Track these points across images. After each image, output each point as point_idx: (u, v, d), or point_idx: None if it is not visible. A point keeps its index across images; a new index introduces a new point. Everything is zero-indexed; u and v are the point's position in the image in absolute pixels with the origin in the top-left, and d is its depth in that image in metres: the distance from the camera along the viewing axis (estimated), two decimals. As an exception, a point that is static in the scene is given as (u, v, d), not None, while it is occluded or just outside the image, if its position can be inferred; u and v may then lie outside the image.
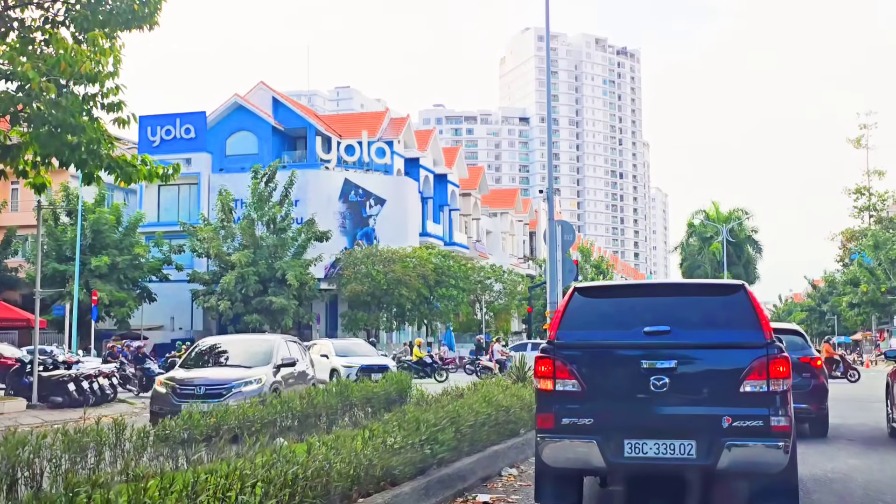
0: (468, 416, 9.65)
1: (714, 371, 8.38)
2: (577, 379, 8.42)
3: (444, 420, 8.86)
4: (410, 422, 8.44)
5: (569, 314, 8.77)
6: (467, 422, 9.49)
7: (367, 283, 56.04)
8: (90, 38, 17.44)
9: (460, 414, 9.50)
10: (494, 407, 10.70)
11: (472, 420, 9.63)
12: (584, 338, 8.64)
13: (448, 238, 74.44)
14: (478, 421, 9.81)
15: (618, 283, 9.88)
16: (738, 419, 8.06)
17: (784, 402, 8.15)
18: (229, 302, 52.80)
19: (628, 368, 8.37)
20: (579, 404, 8.39)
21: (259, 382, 16.50)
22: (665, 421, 8.20)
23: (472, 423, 9.59)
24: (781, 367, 8.18)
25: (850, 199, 79.85)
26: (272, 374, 17.19)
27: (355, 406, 11.92)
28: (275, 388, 16.43)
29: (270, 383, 16.74)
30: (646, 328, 8.41)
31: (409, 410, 9.19)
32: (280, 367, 17.70)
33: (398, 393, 13.32)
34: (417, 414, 8.80)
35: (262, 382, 16.54)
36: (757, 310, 8.47)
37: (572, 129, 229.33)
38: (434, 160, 75.06)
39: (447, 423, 8.83)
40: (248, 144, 64.75)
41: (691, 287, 10.02)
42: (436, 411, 9.19)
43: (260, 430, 9.41)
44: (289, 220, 55.35)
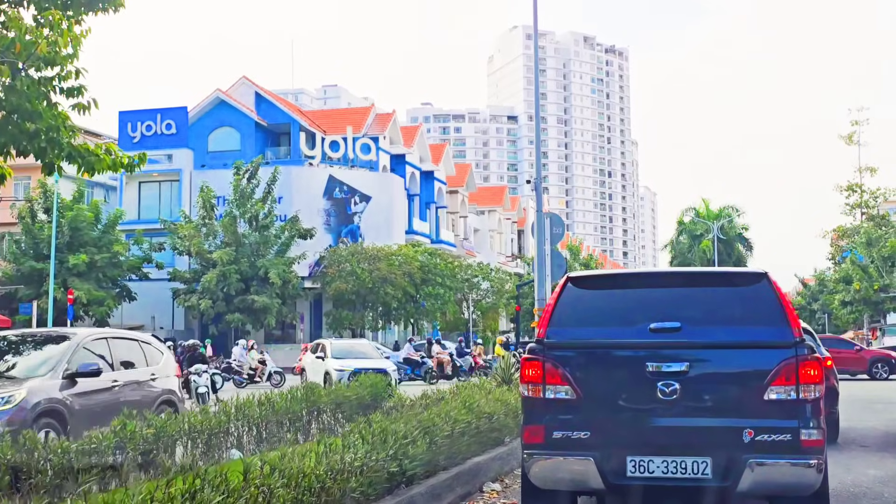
0: (445, 425, 8.48)
1: (733, 375, 7.23)
2: (570, 385, 7.27)
3: (416, 431, 7.69)
4: (376, 433, 7.26)
5: (561, 308, 7.58)
6: (444, 431, 8.32)
7: (352, 282, 54.92)
8: (46, 16, 16.27)
9: (436, 423, 8.30)
10: (476, 414, 9.52)
11: (449, 430, 8.46)
12: (578, 336, 7.46)
13: (435, 236, 73.29)
14: (456, 430, 8.63)
15: (618, 272, 8.64)
16: (762, 432, 6.91)
17: (816, 412, 7.00)
18: (210, 301, 51.79)
19: (631, 372, 7.22)
20: (574, 415, 7.24)
21: (10, 402, 10.82)
22: (675, 434, 7.05)
23: (449, 432, 8.42)
24: (813, 371, 7.02)
25: (841, 196, 78.85)
26: (53, 389, 11.46)
27: (324, 412, 10.75)
28: (49, 410, 11.15)
29: (41, 402, 11.10)
30: (652, 325, 7.24)
31: (375, 420, 7.98)
32: (74, 377, 11.85)
33: (372, 397, 12.09)
34: (385, 424, 7.60)
35: (14, 402, 10.82)
36: (783, 302, 7.29)
37: (561, 127, 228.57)
38: (420, 157, 73.93)
39: (419, 434, 7.66)
40: (230, 140, 63.53)
41: (705, 276, 8.68)
42: (407, 420, 8.01)
43: (207, 441, 8.23)
44: (272, 217, 54.39)
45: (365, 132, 66.08)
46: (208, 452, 8.70)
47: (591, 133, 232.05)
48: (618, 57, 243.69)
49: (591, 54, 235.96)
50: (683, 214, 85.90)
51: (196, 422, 8.62)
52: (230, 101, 63.67)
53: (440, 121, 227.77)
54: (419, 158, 73.47)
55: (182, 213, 55.63)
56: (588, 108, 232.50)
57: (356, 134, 64.79)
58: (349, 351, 28.24)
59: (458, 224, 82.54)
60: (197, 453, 8.53)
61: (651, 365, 7.09)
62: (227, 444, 9.09)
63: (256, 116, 63.91)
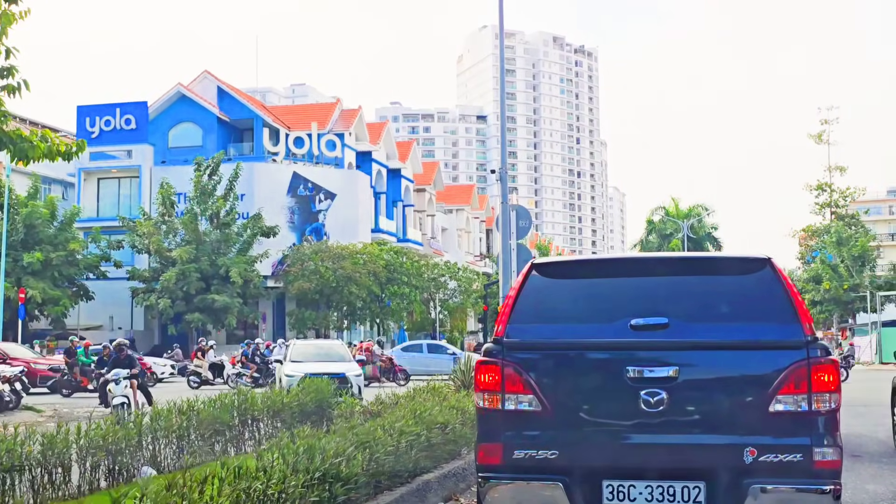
0: (388, 438, 7.25)
1: (731, 382, 6.02)
2: (535, 394, 6.06)
3: (351, 446, 6.46)
4: (300, 452, 6.03)
5: (524, 301, 6.34)
6: (387, 445, 7.10)
7: (315, 281, 53.73)
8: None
9: (377, 436, 7.07)
10: (426, 424, 8.28)
11: (393, 444, 7.25)
12: (545, 335, 6.22)
13: (402, 234, 72.14)
14: (402, 444, 7.42)
15: (593, 258, 7.34)
16: (767, 451, 5.74)
17: (832, 427, 5.84)
18: (169, 300, 50.55)
19: (608, 378, 6.02)
20: (539, 430, 6.05)
21: None
22: (661, 454, 5.86)
23: (393, 447, 7.21)
24: (828, 376, 5.86)
25: (811, 195, 78.59)
26: None
27: (259, 421, 9.53)
28: None
29: None
30: (633, 320, 6.01)
31: (301, 435, 6.72)
32: None
33: (317, 405, 10.81)
34: (312, 441, 6.34)
35: None
36: (791, 293, 6.09)
37: (530, 127, 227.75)
38: (387, 154, 72.75)
39: (355, 451, 6.43)
40: (192, 136, 62.14)
41: (697, 262, 7.14)
42: (342, 434, 6.77)
43: (113, 458, 6.99)
44: (233, 214, 53.20)
45: (330, 129, 64.84)
46: (117, 471, 7.50)
47: (560, 133, 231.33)
48: (587, 57, 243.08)
49: (560, 54, 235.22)
50: (653, 213, 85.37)
51: (97, 435, 7.38)
52: (191, 95, 62.22)
53: (409, 120, 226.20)
54: (386, 156, 72.30)
55: (141, 210, 54.23)
56: (557, 109, 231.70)
57: (321, 130, 63.53)
58: (314, 353, 25.15)
59: (425, 223, 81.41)
60: (99, 474, 7.32)
61: (632, 370, 5.90)
62: (139, 461, 7.86)
63: (218, 112, 62.48)
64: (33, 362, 30.86)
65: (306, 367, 21.78)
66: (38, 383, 29.14)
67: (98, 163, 60.69)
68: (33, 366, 30.10)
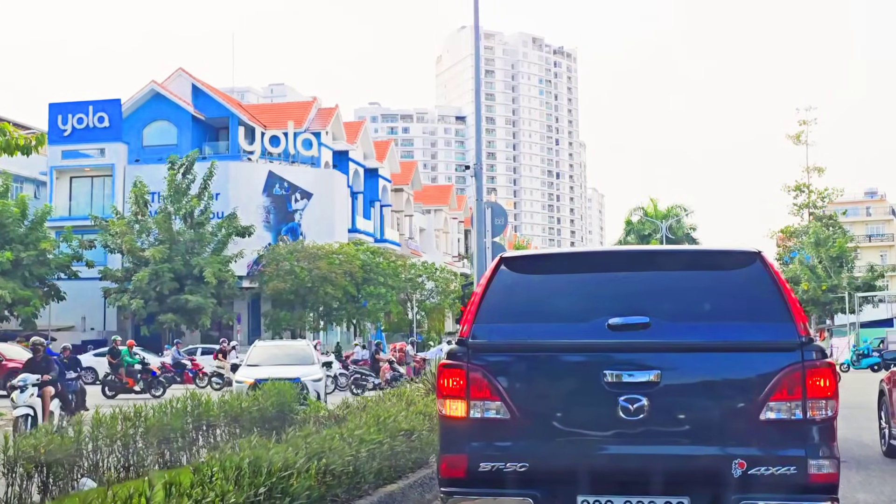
0: (345, 447, 6.69)
1: (719, 387, 5.54)
2: (503, 400, 5.56)
3: (302, 458, 5.89)
4: (243, 465, 5.46)
5: (491, 299, 5.83)
6: (344, 455, 6.55)
7: (290, 281, 53.09)
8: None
9: (333, 445, 6.51)
10: (390, 431, 7.76)
11: (351, 453, 6.69)
12: (514, 335, 5.72)
13: (379, 235, 71.53)
14: (361, 454, 6.87)
15: (567, 251, 6.74)
16: (758, 463, 5.26)
17: (828, 437, 5.38)
18: (142, 301, 49.74)
19: (584, 383, 5.53)
20: (508, 440, 5.55)
21: None
22: (641, 467, 5.37)
23: (351, 456, 6.66)
24: (824, 381, 5.39)
25: (789, 196, 78.51)
26: None
27: (216, 427, 8.96)
28: None
29: None
30: (611, 320, 5.52)
31: (246, 446, 6.15)
32: None
33: (277, 410, 10.22)
34: (260, 451, 5.76)
35: None
36: (783, 290, 5.61)
37: (509, 128, 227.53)
38: (364, 153, 72.11)
39: (307, 462, 5.86)
40: (166, 134, 61.29)
41: (681, 256, 6.63)
42: (295, 444, 6.20)
43: (50, 468, 6.41)
44: (208, 213, 52.48)
45: (307, 127, 64.17)
46: (52, 484, 6.93)
47: (539, 134, 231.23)
48: (566, 58, 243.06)
49: (539, 55, 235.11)
50: (631, 214, 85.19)
51: (26, 446, 6.79)
52: (166, 93, 61.41)
53: (388, 120, 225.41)
54: (363, 155, 71.67)
55: (114, 208, 53.38)
56: (536, 110, 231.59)
57: (297, 129, 62.83)
58: (274, 357, 23.14)
59: (403, 223, 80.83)
60: (32, 487, 6.74)
61: (610, 374, 5.41)
62: (77, 473, 7.29)
63: (193, 110, 61.69)
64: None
65: (258, 372, 20.22)
66: None
67: (70, 161, 59.83)
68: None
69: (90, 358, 40.10)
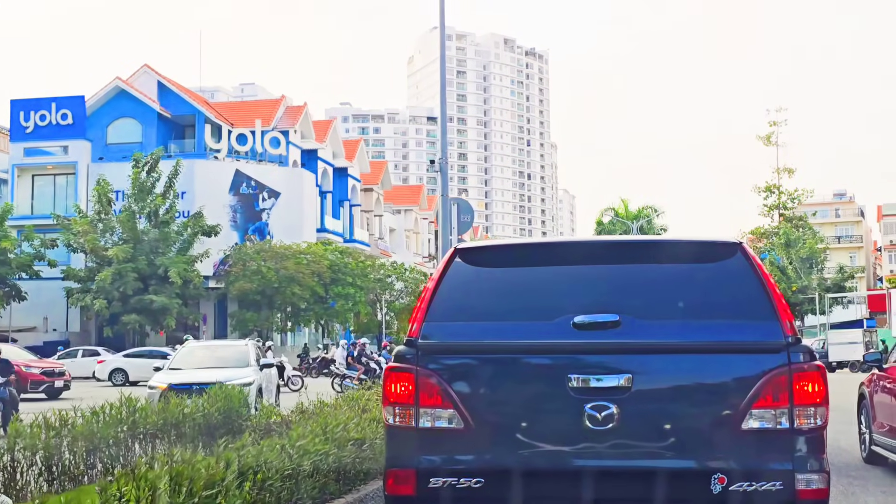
0: (285, 461, 6.01)
1: (696, 393, 4.97)
2: (456, 408, 4.96)
3: (232, 474, 5.15)
4: (159, 484, 4.75)
5: (445, 294, 5.23)
6: (283, 469, 5.87)
7: (257, 281, 52.34)
8: None
9: (269, 459, 5.82)
10: (338, 442, 7.09)
11: (291, 467, 6.01)
12: (469, 335, 5.11)
13: (348, 235, 70.81)
14: (303, 467, 6.20)
15: (529, 241, 6.00)
16: (740, 478, 4.71)
17: (818, 448, 4.85)
18: (105, 301, 48.82)
19: (546, 389, 4.94)
20: (461, 453, 4.96)
21: None
22: (610, 482, 4.79)
23: (291, 470, 5.98)
24: (814, 386, 4.84)
25: (759, 197, 78.47)
26: None
27: (155, 436, 8.28)
28: None
29: None
30: (577, 317, 4.93)
31: (164, 461, 5.38)
32: None
33: (224, 416, 9.49)
34: (181, 467, 4.97)
35: None
36: (768, 285, 5.04)
37: (480, 129, 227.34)
38: (334, 152, 71.34)
39: (237, 479, 5.16)
40: (131, 132, 60.31)
41: (655, 248, 5.85)
42: (226, 457, 5.49)
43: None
44: (173, 212, 51.67)
45: (274, 125, 63.36)
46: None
47: (511, 135, 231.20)
48: (537, 60, 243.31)
49: (511, 57, 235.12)
50: (603, 215, 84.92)
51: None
52: (131, 90, 60.42)
53: (359, 121, 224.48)
54: (332, 154, 70.91)
55: (76, 207, 52.43)
56: (507, 111, 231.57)
57: (265, 127, 61.99)
58: (203, 359, 19.89)
59: (373, 223, 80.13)
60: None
61: (575, 378, 4.82)
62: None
63: (159, 107, 60.75)
64: (25, 365, 27.74)
65: (178, 377, 17.71)
66: (29, 388, 26.93)
67: (33, 158, 58.71)
68: (25, 369, 27.17)
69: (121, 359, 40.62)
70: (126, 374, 39.64)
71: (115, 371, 40.06)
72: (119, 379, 39.30)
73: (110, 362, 41.22)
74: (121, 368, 40.12)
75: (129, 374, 39.28)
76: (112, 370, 40.16)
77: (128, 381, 38.76)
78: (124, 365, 40.33)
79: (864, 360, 11.90)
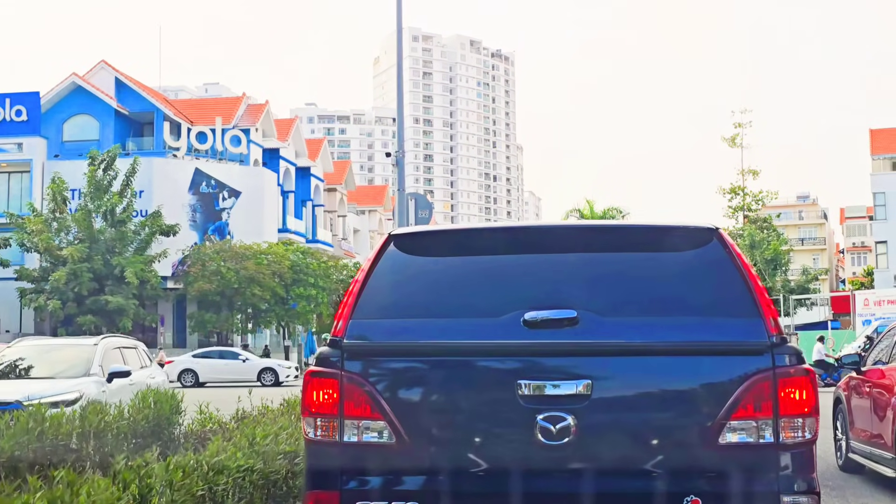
0: (195, 482, 5.18)
1: (666, 401, 4.21)
2: (388, 419, 4.20)
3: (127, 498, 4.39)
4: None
5: (376, 287, 4.48)
6: (194, 490, 5.07)
7: (217, 282, 51.29)
8: None
9: (174, 480, 4.99)
10: (265, 456, 6.26)
11: (202, 488, 5.18)
12: (404, 334, 4.34)
13: (311, 235, 69.82)
14: (219, 487, 5.36)
15: (474, 227, 5.26)
16: (715, 501, 3.99)
17: (806, 466, 4.13)
18: (60, 301, 47.65)
19: (493, 397, 4.19)
20: (394, 473, 4.22)
21: None
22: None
23: (204, 491, 5.17)
24: (801, 393, 4.13)
25: (724, 198, 78.19)
26: None
27: (68, 448, 7.44)
28: None
29: None
30: (528, 314, 4.18)
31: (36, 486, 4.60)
32: None
33: (153, 424, 8.61)
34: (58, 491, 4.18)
35: None
36: (748, 277, 4.34)
37: (446, 130, 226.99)
38: (296, 152, 70.34)
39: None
40: (88, 129, 59.04)
41: (619, 234, 5.02)
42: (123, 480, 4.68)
43: None
44: (130, 211, 50.58)
45: (235, 123, 62.29)
46: None
47: (477, 137, 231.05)
48: (503, 62, 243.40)
49: (477, 58, 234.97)
50: (567, 216, 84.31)
51: None
52: (88, 86, 59.11)
53: (324, 121, 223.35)
54: (295, 153, 69.91)
55: (30, 205, 51.17)
56: (474, 112, 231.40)
57: (226, 125, 60.88)
58: (29, 361, 14.74)
59: (336, 223, 79.17)
60: None
61: (525, 384, 4.06)
62: None
63: (116, 104, 59.53)
64: None
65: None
66: None
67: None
68: None
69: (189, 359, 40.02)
70: (196, 374, 38.69)
71: (184, 372, 39.01)
72: (189, 380, 38.30)
73: (179, 363, 40.21)
74: (190, 369, 39.16)
75: (199, 376, 38.34)
76: (181, 371, 39.08)
77: (198, 383, 37.81)
78: (194, 365, 39.40)
79: (842, 363, 11.25)
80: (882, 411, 9.75)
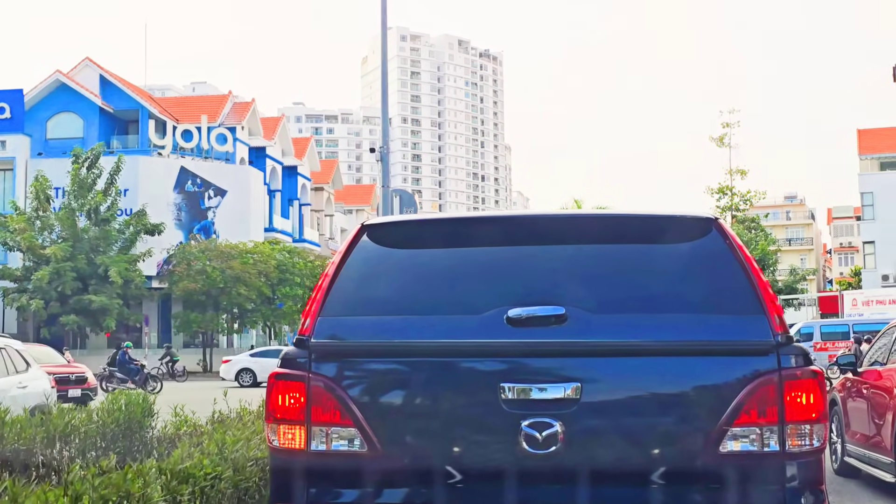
0: (155, 492, 4.79)
1: (662, 406, 3.85)
2: (359, 426, 3.84)
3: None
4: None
5: (347, 281, 4.10)
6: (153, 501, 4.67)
7: (202, 281, 50.83)
8: None
9: (132, 491, 4.59)
10: (234, 463, 5.90)
11: (162, 498, 4.80)
12: (377, 333, 3.98)
13: (298, 234, 69.38)
14: (184, 497, 4.99)
15: (454, 216, 4.85)
16: None
17: (815, 477, 3.79)
18: (43, 301, 47.16)
19: (474, 401, 3.82)
20: (365, 486, 3.85)
21: None
22: None
23: (164, 502, 4.80)
24: (809, 397, 3.77)
25: (712, 198, 78.06)
26: None
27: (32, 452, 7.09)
28: None
29: None
30: (512, 311, 3.81)
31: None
32: None
33: (124, 427, 8.22)
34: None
35: None
36: (750, 270, 3.98)
37: (434, 130, 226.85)
38: (283, 150, 69.88)
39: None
40: (72, 127, 58.45)
41: (611, 224, 4.47)
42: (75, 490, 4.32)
43: None
44: (114, 210, 50.10)
45: (221, 121, 61.80)
46: None
47: (465, 136, 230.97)
48: (492, 61, 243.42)
49: (465, 58, 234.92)
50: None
51: None
52: (72, 84, 58.55)
53: (312, 121, 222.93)
54: (281, 152, 69.46)
55: (13, 204, 50.62)
56: (462, 112, 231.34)
57: (211, 123, 60.35)
58: None
59: (323, 223, 78.75)
60: None
61: (509, 387, 3.70)
62: None
63: (101, 101, 59.01)
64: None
65: None
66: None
67: None
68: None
69: None
70: (254, 374, 37.89)
71: (241, 371, 38.45)
72: (247, 379, 37.73)
73: (236, 362, 39.70)
74: (248, 368, 38.52)
75: (258, 375, 37.39)
76: (239, 370, 38.55)
77: (255, 382, 36.97)
78: (252, 365, 38.68)
79: (837, 364, 10.94)
80: (880, 414, 9.43)
